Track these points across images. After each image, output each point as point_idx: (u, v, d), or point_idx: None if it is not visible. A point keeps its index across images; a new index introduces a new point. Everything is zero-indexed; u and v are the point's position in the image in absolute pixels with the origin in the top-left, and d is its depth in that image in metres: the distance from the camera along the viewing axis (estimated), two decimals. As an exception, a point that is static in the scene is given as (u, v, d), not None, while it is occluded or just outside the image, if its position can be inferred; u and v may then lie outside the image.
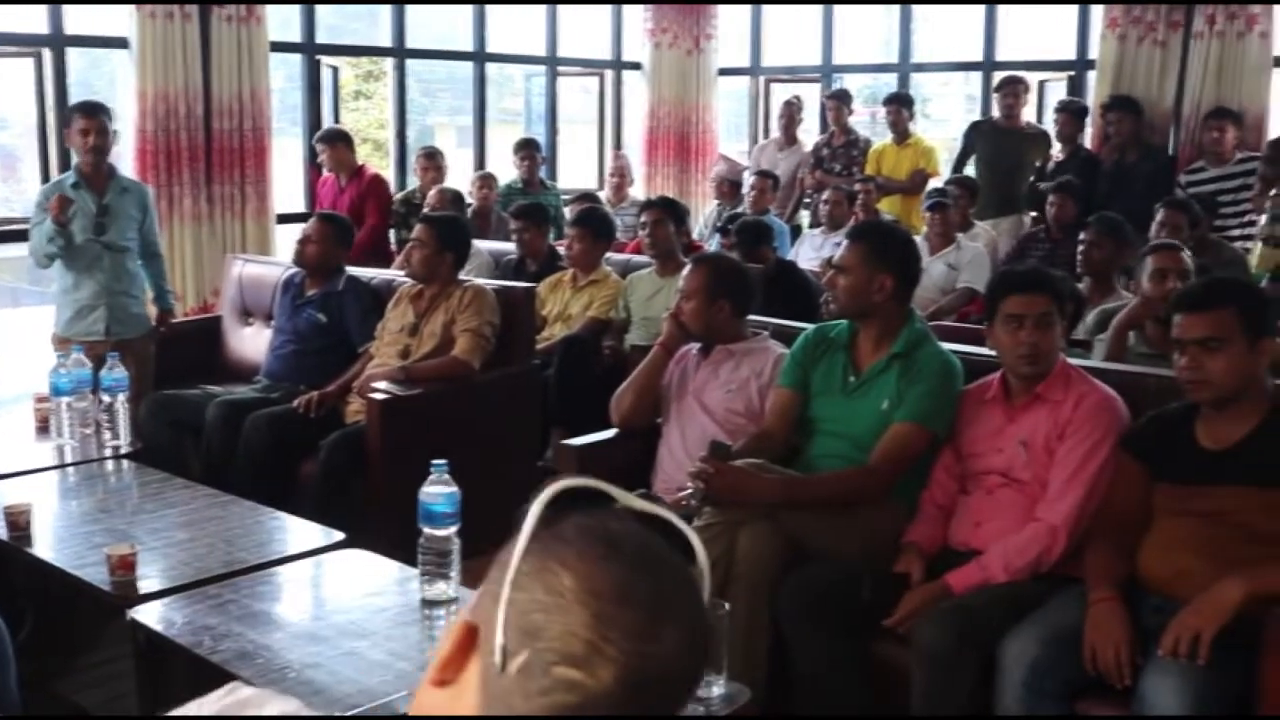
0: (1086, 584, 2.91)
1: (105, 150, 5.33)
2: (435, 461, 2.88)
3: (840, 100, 8.89)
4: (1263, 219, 6.86)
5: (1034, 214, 7.75)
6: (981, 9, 9.08)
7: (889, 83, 9.58)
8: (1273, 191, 6.71)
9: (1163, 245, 4.46)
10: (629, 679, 0.98)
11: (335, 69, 8.78)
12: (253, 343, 5.74)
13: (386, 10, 8.88)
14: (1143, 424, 3.10)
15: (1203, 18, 7.72)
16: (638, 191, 9.32)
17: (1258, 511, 2.82)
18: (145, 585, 3.04)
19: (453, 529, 2.85)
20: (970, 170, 8.13)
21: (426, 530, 2.86)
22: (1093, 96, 8.22)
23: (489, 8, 9.41)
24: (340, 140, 7.47)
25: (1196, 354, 2.87)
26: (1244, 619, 2.64)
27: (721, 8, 10.38)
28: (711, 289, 3.82)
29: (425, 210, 6.95)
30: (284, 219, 7.83)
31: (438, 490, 2.83)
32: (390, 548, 3.27)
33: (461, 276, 5.16)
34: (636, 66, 10.36)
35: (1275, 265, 5.83)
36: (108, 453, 4.25)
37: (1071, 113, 7.86)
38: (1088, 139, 8.02)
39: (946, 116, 9.29)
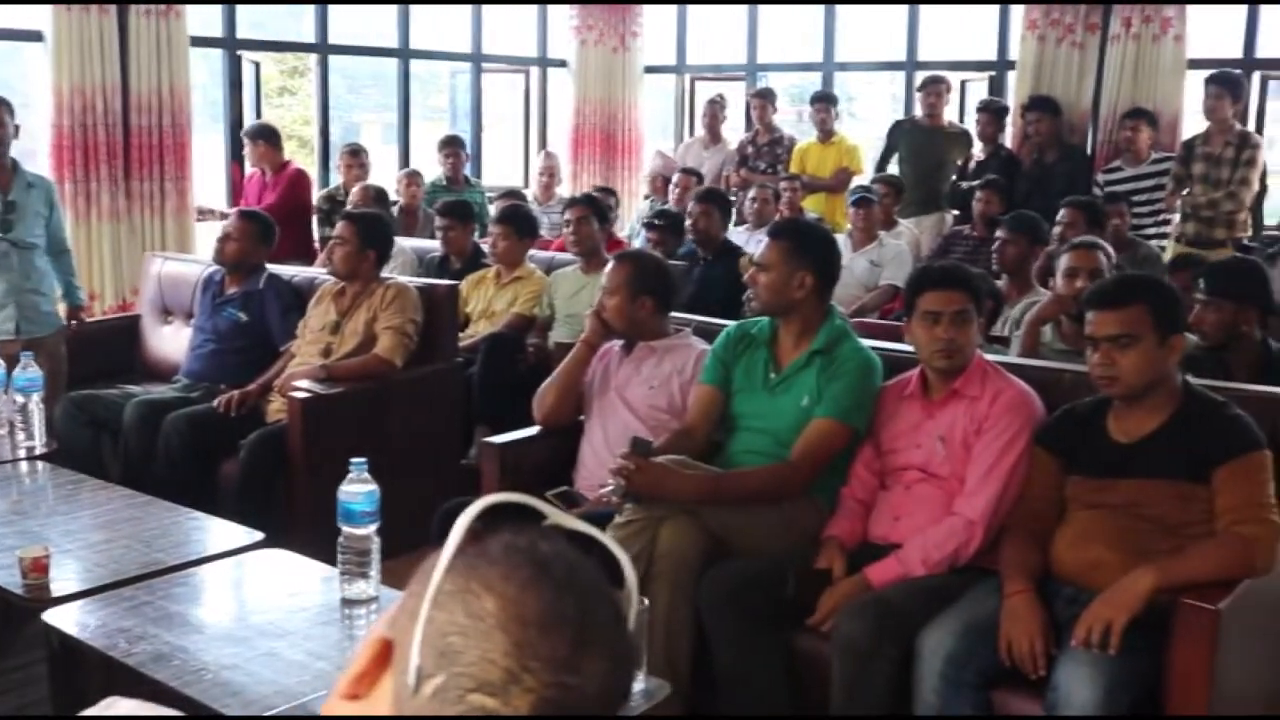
0: (1002, 577, 2.95)
1: (5, 144, 5.21)
2: (354, 460, 2.86)
3: (765, 98, 8.92)
4: (1175, 218, 7.02)
5: (956, 212, 7.85)
6: (904, 9, 9.17)
7: (814, 81, 9.64)
8: (1185, 191, 6.87)
9: (1078, 244, 4.54)
10: (545, 709, 0.95)
11: (257, 64, 8.69)
12: (173, 342, 5.66)
13: (310, 6, 8.80)
14: (1056, 418, 3.15)
15: (1119, 20, 7.85)
16: (565, 190, 9.32)
17: (1167, 503, 2.88)
18: (59, 588, 2.99)
19: (372, 527, 2.83)
20: (893, 169, 8.20)
21: (346, 529, 2.84)
22: (1013, 97, 8.34)
23: (413, 6, 9.37)
24: (266, 136, 7.38)
25: (1108, 350, 2.93)
26: (1154, 608, 2.70)
27: (647, 6, 10.40)
28: (634, 285, 3.83)
29: (349, 208, 6.91)
30: (204, 215, 7.73)
31: (356, 489, 2.81)
32: (311, 547, 3.24)
33: (385, 274, 5.12)
34: (562, 64, 10.35)
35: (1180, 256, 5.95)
36: (21, 454, 4.16)
37: (992, 112, 7.97)
38: (1008, 138, 8.13)
39: (870, 115, 9.36)
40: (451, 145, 8.51)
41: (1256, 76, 7.80)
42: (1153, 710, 2.68)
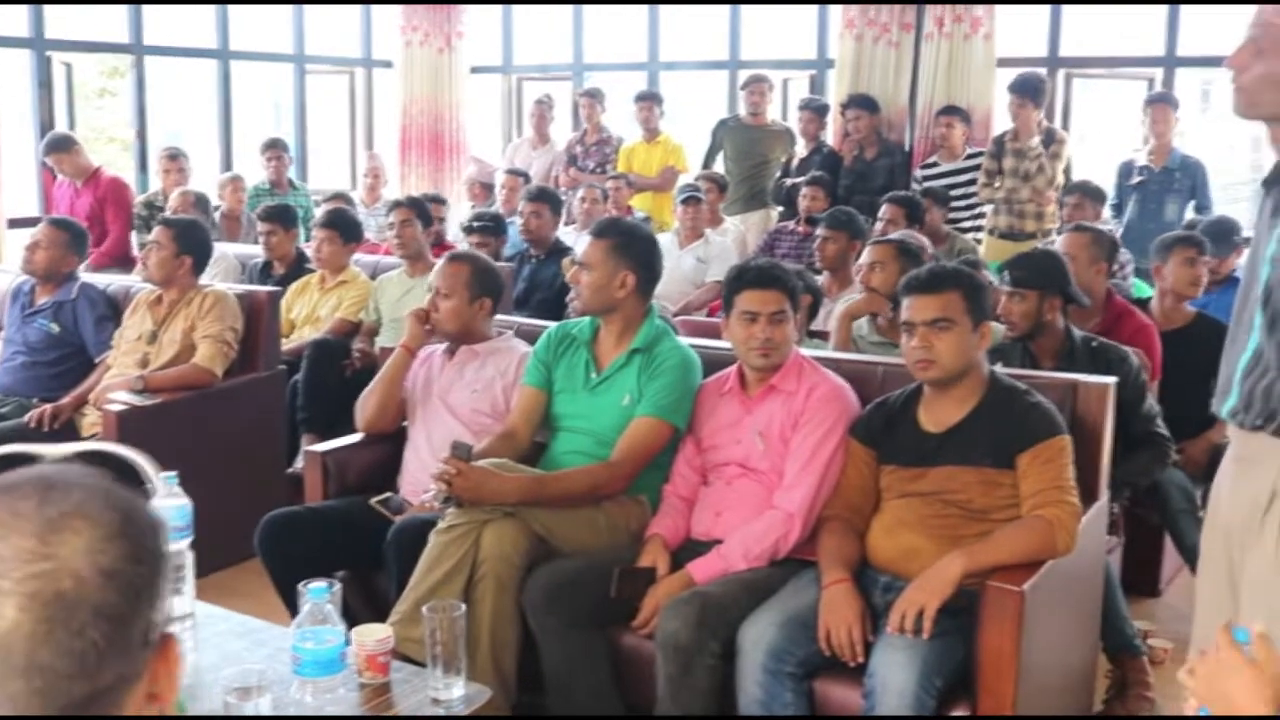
0: (820, 568, 3.02)
1: None
2: (165, 474, 2.79)
3: (593, 98, 8.94)
4: (989, 209, 7.26)
5: (781, 209, 7.98)
6: (726, 10, 9.28)
7: (639, 81, 9.70)
8: (996, 184, 7.11)
9: (877, 240, 4.74)
10: (40, 604, 1.01)
11: (69, 65, 8.41)
12: (-20, 355, 5.44)
13: (124, 6, 8.56)
14: (869, 411, 3.24)
15: (932, 20, 8.07)
16: (392, 191, 9.22)
17: (975, 488, 2.99)
18: None
19: (184, 542, 2.77)
20: (719, 167, 8.30)
21: (158, 545, 2.76)
22: (833, 95, 8.50)
23: (232, 6, 9.18)
24: (66, 147, 7.14)
25: (926, 334, 3.03)
26: (964, 592, 2.80)
27: (473, 4, 10.34)
28: (474, 287, 3.81)
29: (169, 213, 6.73)
30: (15, 224, 7.46)
31: (167, 504, 2.74)
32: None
33: (205, 281, 5.01)
34: (388, 65, 10.24)
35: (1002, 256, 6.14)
36: None
37: (813, 110, 8.12)
38: (830, 136, 8.29)
39: (694, 114, 9.46)
40: (274, 148, 8.36)
41: (1061, 75, 8.10)
42: (965, 688, 2.78)
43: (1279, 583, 2.17)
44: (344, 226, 5.84)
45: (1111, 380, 3.31)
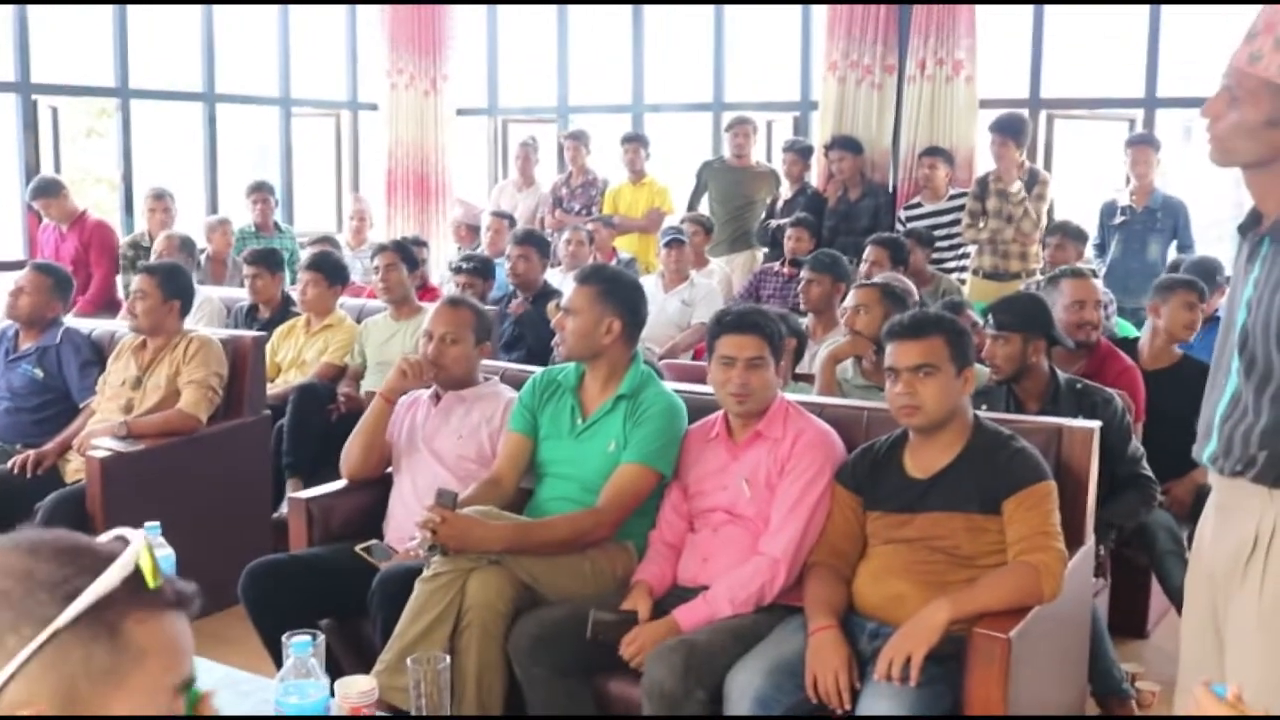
0: (806, 614, 3.01)
1: None
2: (148, 524, 2.78)
3: (578, 140, 8.96)
4: (973, 249, 7.30)
5: (766, 250, 8.00)
6: (710, 52, 9.33)
7: (624, 123, 9.74)
8: (980, 225, 7.15)
9: (862, 284, 4.76)
10: None
11: (55, 109, 8.43)
12: (-37, 402, 5.42)
13: (110, 48, 8.59)
14: (854, 457, 3.24)
15: (914, 62, 8.13)
16: (379, 234, 9.23)
17: (961, 535, 2.99)
18: None
19: (169, 593, 2.75)
20: (703, 208, 8.33)
21: (141, 595, 2.75)
22: (817, 136, 8.54)
23: (218, 47, 9.21)
24: (54, 192, 7.15)
25: (910, 380, 3.03)
26: (951, 639, 2.80)
27: (458, 47, 10.39)
28: (478, 331, 3.83)
29: (154, 256, 6.74)
30: (1, 267, 7.45)
31: (151, 554, 2.73)
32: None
33: (190, 324, 5.00)
34: (374, 107, 10.28)
35: (987, 296, 6.16)
36: None
37: (798, 152, 8.16)
38: (814, 177, 8.33)
39: (680, 156, 9.49)
40: (260, 191, 8.36)
41: (1043, 115, 8.15)
42: (952, 738, 2.77)
43: (1263, 631, 2.17)
44: (329, 270, 5.84)
45: (1096, 424, 3.32)
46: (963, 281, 7.22)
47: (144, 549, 1.26)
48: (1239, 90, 2.15)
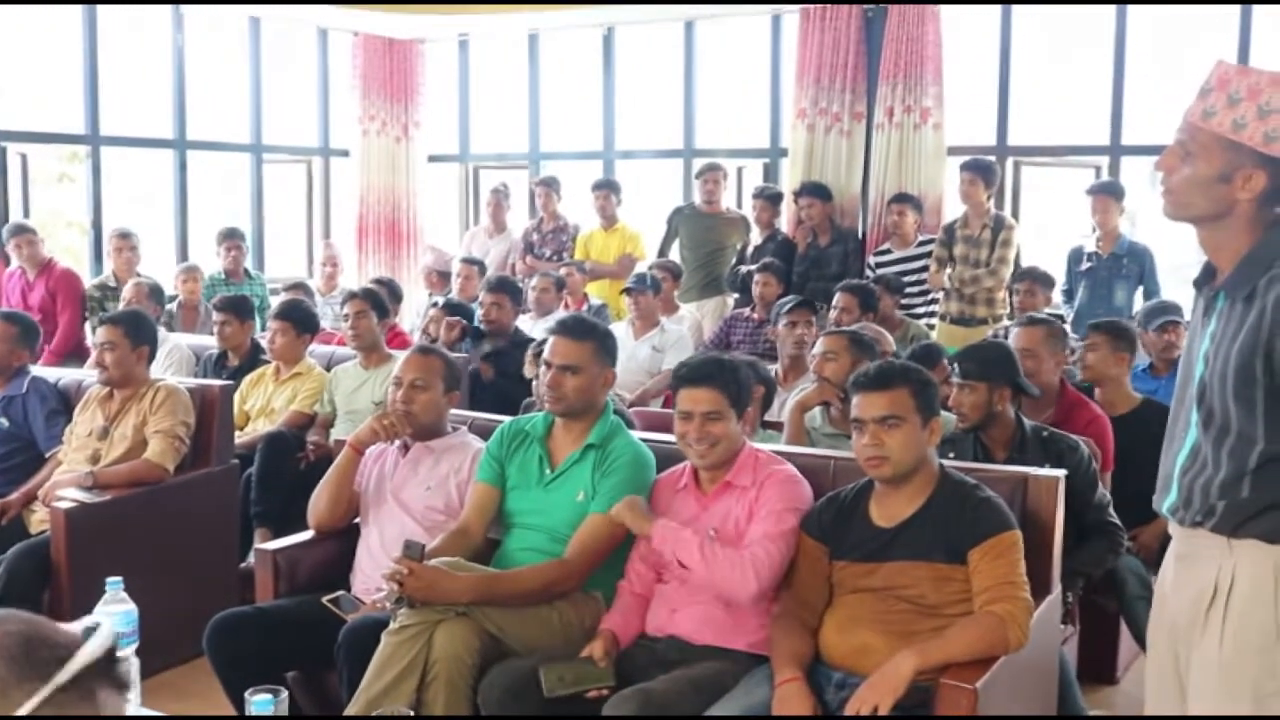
0: (773, 665, 3.01)
1: None
2: (110, 579, 2.76)
3: (549, 186, 8.99)
4: (941, 295, 7.35)
5: (737, 295, 8.02)
6: (680, 99, 9.39)
7: (595, 169, 9.77)
8: (947, 271, 7.20)
9: (830, 331, 4.78)
10: None
11: (24, 155, 8.42)
12: (-72, 451, 5.37)
13: (80, 94, 8.59)
14: (820, 505, 3.24)
15: (882, 110, 8.20)
16: (350, 280, 9.22)
17: (927, 584, 2.99)
18: None
19: (130, 649, 2.73)
20: (674, 254, 8.36)
21: (103, 651, 2.73)
22: (786, 183, 8.59)
23: (189, 95, 9.23)
24: (31, 234, 7.15)
25: (876, 431, 3.04)
26: (918, 689, 2.80)
27: (429, 94, 10.44)
28: (447, 379, 3.84)
29: (123, 303, 6.71)
30: (-34, 315, 7.40)
31: (112, 610, 2.72)
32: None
33: (159, 371, 4.98)
34: (345, 154, 10.30)
35: (954, 342, 6.20)
36: None
37: (767, 198, 8.20)
38: (784, 223, 8.37)
39: (649, 202, 9.52)
40: (231, 239, 8.34)
41: (1010, 162, 8.23)
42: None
43: (1225, 679, 2.19)
44: (298, 319, 5.83)
45: (1061, 473, 3.34)
46: (931, 327, 7.26)
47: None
48: (1193, 145, 2.18)
